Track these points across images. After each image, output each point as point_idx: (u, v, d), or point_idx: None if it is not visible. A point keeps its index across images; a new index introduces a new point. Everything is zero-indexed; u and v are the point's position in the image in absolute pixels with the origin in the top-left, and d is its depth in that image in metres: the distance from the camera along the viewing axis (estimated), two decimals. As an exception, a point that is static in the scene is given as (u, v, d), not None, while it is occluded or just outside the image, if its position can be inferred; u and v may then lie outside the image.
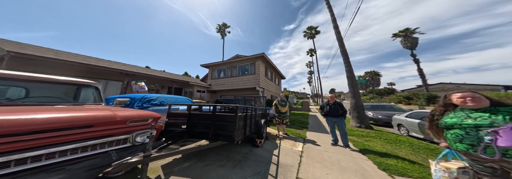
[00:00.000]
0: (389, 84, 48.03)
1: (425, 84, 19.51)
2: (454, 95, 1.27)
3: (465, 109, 1.19)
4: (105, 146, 1.40)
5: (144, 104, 3.18)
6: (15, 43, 5.88)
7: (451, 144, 1.23)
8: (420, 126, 4.31)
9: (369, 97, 27.30)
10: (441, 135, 1.32)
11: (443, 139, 1.33)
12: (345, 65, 6.73)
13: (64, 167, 1.13)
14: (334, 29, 7.23)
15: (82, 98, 2.03)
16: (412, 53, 19.93)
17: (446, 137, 1.26)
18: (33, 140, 1.05)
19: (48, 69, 5.49)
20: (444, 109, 1.31)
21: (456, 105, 1.25)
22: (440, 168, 1.27)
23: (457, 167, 1.17)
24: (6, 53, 4.32)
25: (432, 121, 1.37)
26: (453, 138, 1.19)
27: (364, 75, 38.81)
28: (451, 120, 1.20)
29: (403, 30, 20.70)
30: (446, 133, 1.26)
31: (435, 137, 1.41)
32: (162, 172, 1.85)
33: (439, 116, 1.31)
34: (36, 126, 1.06)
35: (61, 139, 1.16)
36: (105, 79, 7.27)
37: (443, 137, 1.30)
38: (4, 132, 0.94)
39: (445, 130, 1.27)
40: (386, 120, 6.52)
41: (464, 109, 1.20)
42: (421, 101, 14.79)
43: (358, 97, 6.27)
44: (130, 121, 1.54)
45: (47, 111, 1.27)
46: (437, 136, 1.37)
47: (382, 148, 3.36)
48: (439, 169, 1.27)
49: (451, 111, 1.26)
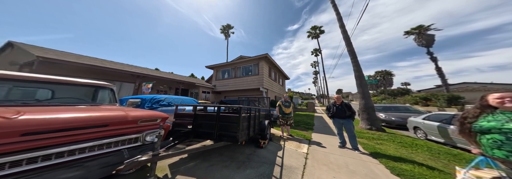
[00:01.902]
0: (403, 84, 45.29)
1: (445, 83, 18.09)
2: (491, 96, 1.17)
3: (506, 112, 1.09)
4: (118, 145, 1.49)
5: (154, 105, 3.34)
6: (41, 48, 6.50)
7: (486, 151, 1.11)
8: (440, 130, 3.99)
9: (381, 98, 25.95)
10: (474, 140, 1.20)
11: (476, 145, 1.21)
12: (353, 65, 6.50)
13: (82, 163, 1.22)
14: (340, 28, 7.03)
15: (99, 99, 2.19)
16: (429, 51, 18.63)
17: (480, 142, 1.14)
18: (56, 138, 1.16)
19: (69, 72, 5.99)
20: (479, 111, 1.20)
21: (495, 107, 1.14)
22: (469, 177, 1.15)
23: (491, 177, 1.05)
24: (35, 58, 4.80)
25: (463, 125, 1.25)
26: (490, 144, 1.08)
27: (375, 75, 37.05)
28: (488, 124, 1.09)
29: (416, 27, 19.47)
30: (480, 138, 1.14)
31: (469, 143, 1.29)
32: (169, 171, 1.92)
33: (473, 119, 1.19)
34: (59, 125, 1.17)
35: (79, 138, 1.26)
36: (119, 81, 7.75)
37: (476, 142, 1.18)
38: (32, 130, 1.05)
39: (479, 135, 1.15)
40: (400, 123, 6.17)
41: (506, 112, 1.09)
42: (441, 102, 13.71)
43: (368, 97, 6.01)
44: (140, 121, 1.63)
45: (68, 111, 1.39)
46: (470, 141, 1.25)
47: (395, 152, 3.18)
48: (468, 178, 1.15)
49: (488, 114, 1.15)
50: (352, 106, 3.38)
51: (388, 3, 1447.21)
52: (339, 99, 3.43)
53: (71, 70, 6.10)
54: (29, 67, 5.16)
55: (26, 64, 5.35)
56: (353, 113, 3.26)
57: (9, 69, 5.79)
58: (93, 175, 1.26)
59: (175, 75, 12.30)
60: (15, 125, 1.00)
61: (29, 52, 5.18)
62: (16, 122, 1.01)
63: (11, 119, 1.01)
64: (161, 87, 9.94)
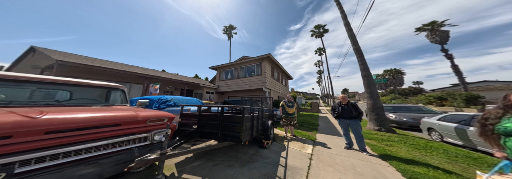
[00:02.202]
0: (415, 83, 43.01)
1: (462, 82, 16.95)
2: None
3: None
4: (129, 143, 1.58)
5: (161, 105, 3.47)
6: (60, 53, 6.98)
7: (511, 154, 1.06)
8: (458, 131, 3.75)
9: (390, 97, 24.81)
10: (497, 143, 1.14)
11: (498, 147, 1.14)
12: (360, 64, 6.30)
13: (97, 161, 1.31)
14: (345, 26, 6.85)
15: (112, 99, 2.32)
16: (443, 48, 17.55)
17: (505, 145, 1.08)
18: (75, 136, 1.25)
19: (84, 74, 6.38)
20: (502, 112, 1.14)
21: None
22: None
23: None
24: (55, 61, 5.17)
25: (485, 126, 1.19)
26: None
27: (383, 74, 35.52)
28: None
29: (429, 24, 18.42)
30: (505, 140, 1.08)
31: (490, 146, 1.22)
32: (175, 170, 1.98)
33: (495, 120, 1.13)
34: (77, 124, 1.26)
35: (95, 136, 1.35)
36: (129, 83, 8.13)
37: (499, 145, 1.12)
38: (54, 129, 1.15)
39: (504, 137, 1.09)
40: (412, 124, 5.89)
41: None
42: (459, 102, 12.84)
43: (376, 97, 5.80)
44: (149, 120, 1.71)
45: (85, 111, 1.49)
46: (491, 144, 1.18)
47: (407, 154, 3.04)
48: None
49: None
50: (359, 106, 3.29)
51: None
52: (344, 99, 3.35)
53: (86, 73, 6.50)
54: (50, 70, 5.57)
55: (47, 68, 5.79)
56: (360, 113, 3.17)
57: (32, 72, 6.28)
58: (107, 172, 1.35)
59: (180, 76, 12.64)
60: (39, 124, 1.10)
61: (49, 56, 5.58)
62: (40, 121, 1.11)
63: (35, 119, 1.11)
64: (168, 88, 10.27)
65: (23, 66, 7.29)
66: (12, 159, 0.99)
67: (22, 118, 1.08)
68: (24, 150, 1.04)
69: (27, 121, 1.07)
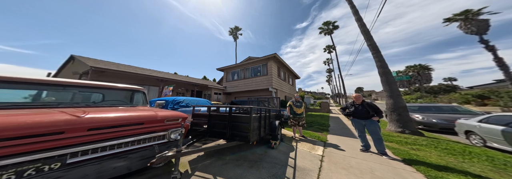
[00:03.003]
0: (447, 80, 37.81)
1: (510, 78, 14.36)
2: None
3: None
4: (151, 141, 1.75)
5: (175, 106, 3.74)
6: (94, 60, 7.99)
7: None
8: (506, 135, 3.23)
9: (415, 96, 22.19)
10: None
11: None
12: (376, 60, 5.83)
13: (127, 155, 1.48)
14: (357, 22, 6.42)
15: (135, 101, 2.59)
16: (482, 39, 15.06)
17: None
18: (110, 133, 1.44)
19: (108, 78, 7.20)
20: None
21: None
22: None
23: None
24: (89, 68, 5.95)
25: None
26: None
27: (405, 70, 31.93)
28: None
29: (461, 13, 15.97)
30: None
31: None
32: (189, 167, 2.10)
33: None
34: (113, 122, 1.46)
35: (124, 133, 1.54)
36: (147, 85, 8.88)
37: None
38: (95, 126, 1.35)
39: None
40: (444, 126, 5.21)
41: None
42: (506, 100, 11.00)
43: (397, 96, 5.30)
44: (166, 120, 1.87)
45: (116, 111, 1.71)
46: None
47: (439, 159, 2.72)
48: None
49: None
50: (377, 106, 3.05)
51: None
52: (358, 98, 3.13)
53: (113, 77, 7.34)
54: (86, 75, 6.43)
55: (84, 73, 6.69)
56: (379, 113, 2.90)
57: (73, 77, 7.33)
58: (135, 166, 1.52)
59: (190, 78, 13.33)
60: (84, 122, 1.30)
61: (85, 63, 6.45)
62: (84, 120, 1.32)
63: (81, 117, 1.32)
64: (180, 90, 10.91)
65: (65, 72, 8.56)
66: (65, 151, 1.19)
67: (71, 117, 1.30)
68: (72, 144, 1.24)
69: (75, 120, 1.28)
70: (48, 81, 1.80)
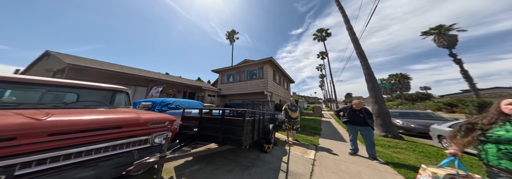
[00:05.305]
0: (423, 89, 41.71)
1: (474, 88, 16.33)
2: (504, 102, 1.12)
3: None
4: (130, 146, 1.58)
5: (163, 108, 3.51)
6: (72, 57, 7.33)
7: (489, 159, 1.08)
8: None
9: (396, 103, 24.00)
10: (468, 146, 1.25)
11: (457, 146, 1.27)
12: (363, 68, 6.24)
13: (97, 163, 1.29)
14: (348, 30, 6.89)
15: (116, 102, 2.37)
16: (451, 52, 17.20)
17: (485, 150, 1.11)
18: (77, 138, 1.26)
19: (93, 77, 6.62)
20: (496, 118, 1.14)
21: (507, 114, 1.09)
22: (427, 174, 1.25)
23: (445, 173, 1.14)
24: (66, 65, 5.42)
25: (472, 131, 1.22)
26: (500, 154, 1.01)
27: (388, 78, 34.74)
28: (508, 134, 1.02)
29: (436, 27, 18.27)
30: (488, 147, 1.09)
31: (451, 144, 1.33)
32: (174, 174, 1.95)
33: (487, 126, 1.14)
34: (80, 126, 1.27)
35: (96, 138, 1.36)
36: (134, 85, 8.33)
37: (464, 145, 1.25)
38: (58, 131, 1.16)
39: (487, 144, 1.10)
40: (421, 130, 5.64)
41: None
42: (470, 108, 12.39)
43: (381, 102, 5.66)
44: (150, 123, 1.72)
45: (89, 114, 1.51)
46: (463, 146, 1.26)
47: (417, 162, 2.89)
48: (425, 174, 1.26)
49: (504, 122, 1.08)
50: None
51: (397, 5, 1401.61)
52: (359, 105, 3.12)
53: (95, 76, 6.75)
54: (61, 73, 5.83)
55: (59, 71, 6.07)
56: (373, 121, 3.00)
57: (45, 75, 6.59)
58: (106, 175, 1.32)
59: (183, 79, 12.86)
60: (44, 126, 1.11)
61: (61, 60, 5.87)
62: (45, 123, 1.13)
63: (41, 120, 1.13)
64: (171, 91, 10.42)
65: (37, 69, 7.68)
66: (13, 161, 0.98)
67: (28, 120, 1.10)
68: (26, 152, 1.04)
69: (32, 123, 1.08)
70: (8, 78, 1.55)
